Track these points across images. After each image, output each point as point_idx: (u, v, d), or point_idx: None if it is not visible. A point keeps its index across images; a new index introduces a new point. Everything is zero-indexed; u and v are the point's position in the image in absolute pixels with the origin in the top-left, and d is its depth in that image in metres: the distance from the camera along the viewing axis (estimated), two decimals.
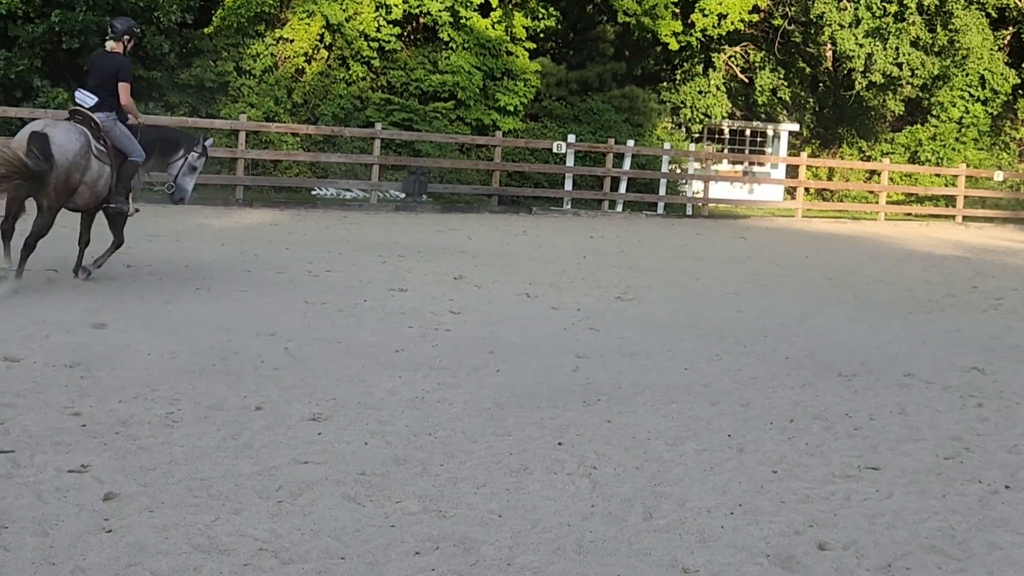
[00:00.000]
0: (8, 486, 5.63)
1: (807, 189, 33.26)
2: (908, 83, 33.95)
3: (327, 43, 27.78)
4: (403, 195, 25.86)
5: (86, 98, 11.98)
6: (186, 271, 13.27)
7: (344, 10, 27.31)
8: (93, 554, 4.87)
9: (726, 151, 36.08)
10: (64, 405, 7.18)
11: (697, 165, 31.22)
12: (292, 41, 27.20)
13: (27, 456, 6.11)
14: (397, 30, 28.31)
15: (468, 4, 28.08)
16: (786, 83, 35.87)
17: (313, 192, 26.06)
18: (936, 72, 34.37)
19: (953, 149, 36.17)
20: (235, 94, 26.65)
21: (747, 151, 36.59)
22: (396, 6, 27.65)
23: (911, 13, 32.84)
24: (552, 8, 30.48)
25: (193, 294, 11.77)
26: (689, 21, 32.01)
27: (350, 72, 27.93)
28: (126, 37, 12.29)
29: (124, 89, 12.00)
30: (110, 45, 12.27)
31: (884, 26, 32.70)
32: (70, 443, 6.40)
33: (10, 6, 23.00)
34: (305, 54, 27.50)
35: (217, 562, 4.87)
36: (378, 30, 27.90)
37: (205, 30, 26.19)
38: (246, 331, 9.97)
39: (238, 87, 26.68)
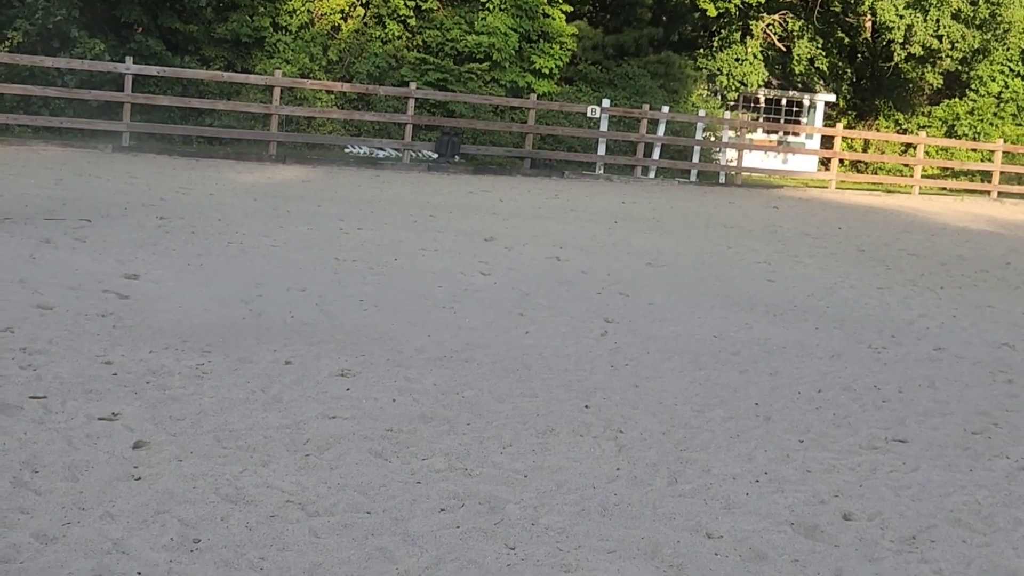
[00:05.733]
0: (39, 431, 5.69)
1: (842, 161, 33.02)
2: (948, 56, 33.60)
3: (363, 0, 27.70)
4: (435, 155, 25.83)
5: None
6: (218, 224, 13.32)
7: None
8: (122, 500, 4.92)
9: (761, 120, 35.84)
10: (96, 354, 7.24)
11: (732, 133, 31.04)
12: None
13: (59, 402, 6.17)
14: None
15: None
16: (824, 53, 35.57)
17: (346, 150, 26.07)
18: (976, 45, 33.98)
19: (991, 124, 35.82)
20: (271, 50, 26.63)
21: (782, 120, 36.35)
22: None
23: None
24: None
25: (225, 248, 11.82)
26: None
27: (386, 30, 27.86)
28: None
29: None
30: None
31: None
32: (101, 391, 6.46)
33: None
34: (341, 11, 27.44)
35: (244, 512, 4.91)
36: None
37: None
38: (277, 286, 10.01)
39: (274, 43, 26.66)
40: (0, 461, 5.23)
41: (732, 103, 35.05)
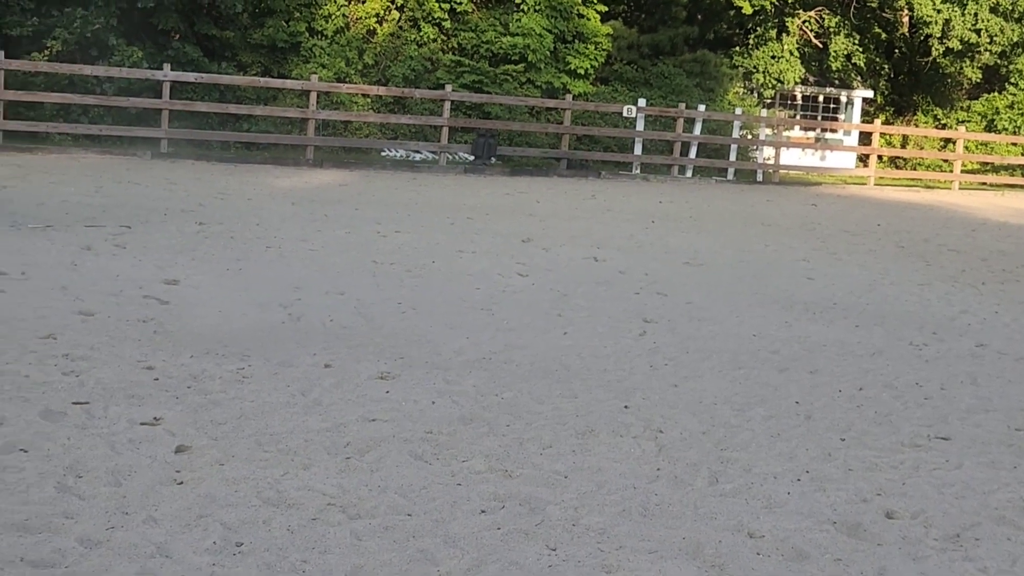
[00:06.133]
0: (83, 437, 5.74)
1: (880, 157, 32.79)
2: (986, 50, 33.27)
3: (398, 4, 27.76)
4: (472, 157, 25.85)
5: None
6: (257, 229, 13.38)
7: None
8: (165, 505, 4.95)
9: (798, 117, 35.63)
10: (137, 359, 7.30)
11: (768, 131, 30.88)
12: (364, 2, 27.23)
13: (101, 408, 6.22)
14: None
15: None
16: (861, 49, 35.32)
17: (382, 153, 26.13)
18: (1015, 39, 33.64)
19: None
20: (307, 54, 26.73)
21: (820, 117, 36.11)
22: None
23: None
24: None
25: (263, 252, 11.88)
26: None
27: (421, 33, 27.91)
28: None
29: None
30: None
31: None
32: (143, 396, 6.51)
33: None
34: (376, 15, 27.51)
35: (286, 515, 4.93)
36: None
37: None
38: (316, 290, 10.06)
39: (310, 47, 26.76)
40: (44, 467, 5.28)
41: (769, 101, 34.86)
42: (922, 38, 34.00)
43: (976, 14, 32.23)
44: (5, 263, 9.97)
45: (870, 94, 36.44)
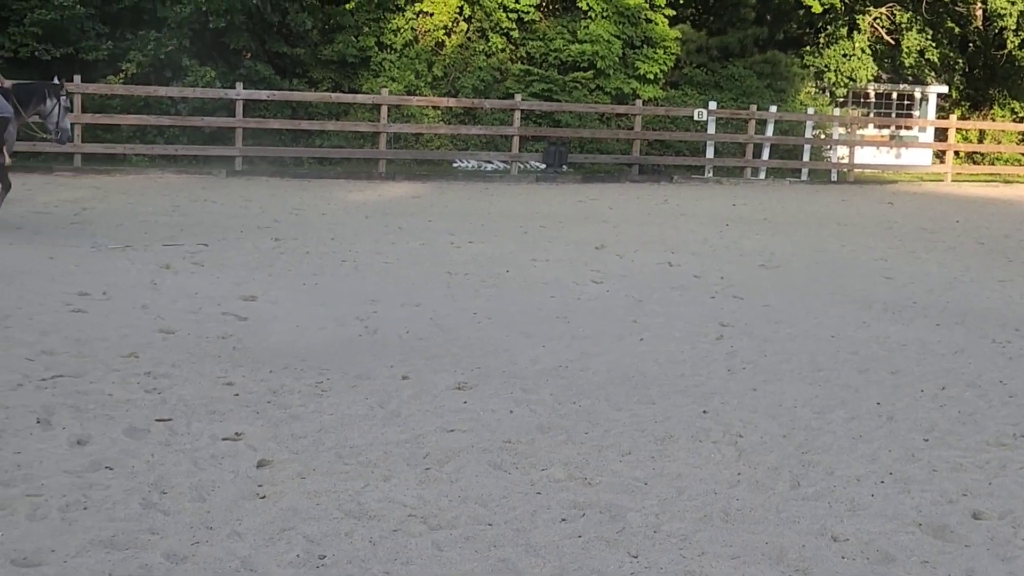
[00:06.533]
0: (166, 453, 5.82)
1: (957, 153, 32.29)
2: None
3: (466, 15, 27.86)
4: (543, 166, 25.86)
5: None
6: (331, 243, 13.50)
7: None
8: (248, 519, 5.00)
9: (872, 115, 35.20)
10: (217, 375, 7.38)
11: (842, 130, 30.55)
12: (432, 15, 27.35)
13: (184, 424, 6.30)
14: (536, 1, 28.24)
15: None
16: (934, 44, 34.81)
17: (454, 164, 26.22)
18: None
19: None
20: (376, 69, 26.91)
21: (894, 115, 35.65)
22: None
23: None
24: None
25: (339, 266, 11.98)
26: None
27: (489, 44, 27.98)
28: None
29: None
30: None
31: None
32: (224, 412, 6.58)
33: None
34: (445, 27, 27.63)
35: (367, 527, 4.96)
36: (517, 1, 27.85)
37: (347, 6, 26.47)
38: (391, 302, 10.11)
39: (379, 62, 26.94)
40: (129, 483, 5.35)
41: (841, 99, 34.47)
42: (996, 31, 33.46)
43: None
44: (87, 284, 10.15)
45: (945, 89, 35.90)
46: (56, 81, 14.82)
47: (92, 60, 23.23)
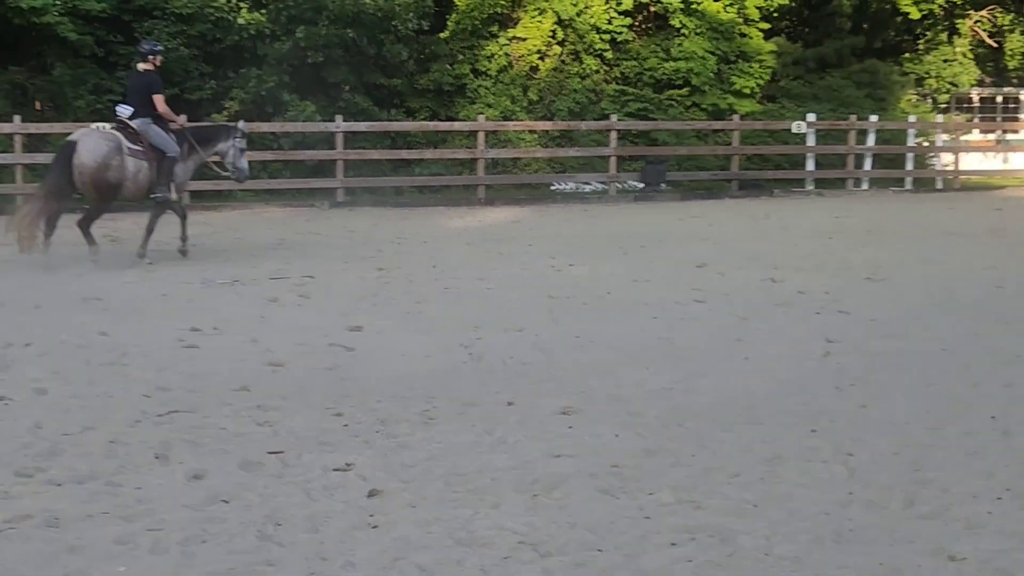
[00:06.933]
0: (279, 485, 5.92)
1: None
2: None
3: (559, 39, 27.96)
4: (642, 185, 25.81)
5: (124, 110, 14.11)
6: (434, 271, 13.62)
7: (575, 5, 27.43)
8: (361, 549, 5.07)
9: (976, 120, 34.56)
10: (326, 406, 7.50)
11: (946, 136, 30.03)
12: (525, 40, 27.50)
13: (295, 456, 6.41)
14: (628, 20, 28.25)
15: None
16: None
17: (552, 187, 26.28)
18: None
19: None
20: (472, 95, 27.12)
21: (999, 119, 34.96)
22: None
23: None
24: None
25: (442, 293, 12.08)
26: None
27: (583, 66, 28.04)
28: (151, 56, 14.31)
29: (158, 100, 14.08)
30: (141, 66, 14.36)
31: None
32: (334, 443, 6.68)
33: (259, 27, 24.06)
34: (538, 51, 27.76)
35: (479, 555, 5.00)
36: (609, 22, 27.91)
37: (441, 35, 26.75)
38: (494, 327, 10.17)
39: (475, 88, 27.15)
40: (245, 516, 5.46)
41: (944, 105, 33.91)
42: None
43: None
44: (199, 320, 10.37)
45: None
46: (233, 124, 15.85)
47: (196, 100, 23.77)
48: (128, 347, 9.19)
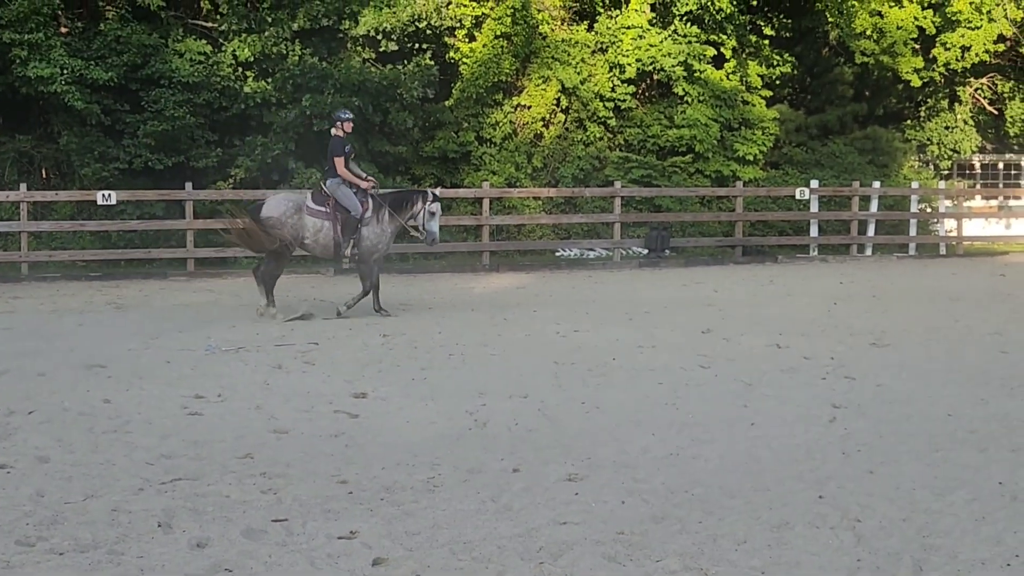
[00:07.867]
0: (283, 553, 5.88)
1: None
2: None
3: (563, 106, 28.18)
4: (646, 251, 25.89)
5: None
6: (439, 337, 13.61)
7: (579, 73, 27.69)
8: None
9: (978, 186, 34.71)
10: (331, 473, 7.46)
11: (948, 203, 30.15)
12: (529, 107, 27.73)
13: (299, 524, 6.37)
14: (632, 88, 28.48)
15: (701, 57, 28.05)
16: None
17: (557, 253, 26.37)
18: None
19: None
20: (477, 162, 27.29)
21: (1001, 185, 35.11)
22: (629, 65, 27.84)
23: None
24: (787, 54, 30.11)
25: (447, 360, 12.07)
26: (931, 56, 30.99)
27: (587, 133, 28.23)
28: (338, 123, 16.14)
29: (337, 163, 15.66)
30: (332, 131, 16.24)
31: None
32: (338, 510, 6.65)
33: (265, 95, 24.28)
34: (543, 119, 27.97)
35: None
36: (613, 90, 28.15)
37: (446, 103, 26.95)
38: (499, 394, 10.15)
39: (480, 155, 27.32)
40: None
41: (946, 172, 34.07)
42: None
43: None
44: (203, 387, 10.36)
45: None
46: (427, 190, 16.84)
47: (202, 168, 23.94)
48: (131, 414, 9.18)
